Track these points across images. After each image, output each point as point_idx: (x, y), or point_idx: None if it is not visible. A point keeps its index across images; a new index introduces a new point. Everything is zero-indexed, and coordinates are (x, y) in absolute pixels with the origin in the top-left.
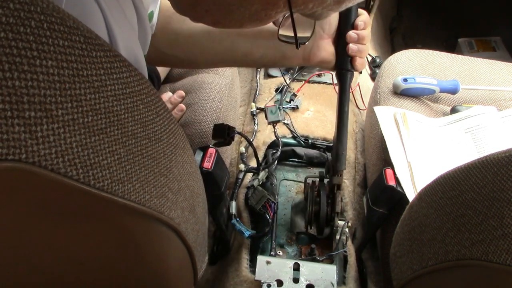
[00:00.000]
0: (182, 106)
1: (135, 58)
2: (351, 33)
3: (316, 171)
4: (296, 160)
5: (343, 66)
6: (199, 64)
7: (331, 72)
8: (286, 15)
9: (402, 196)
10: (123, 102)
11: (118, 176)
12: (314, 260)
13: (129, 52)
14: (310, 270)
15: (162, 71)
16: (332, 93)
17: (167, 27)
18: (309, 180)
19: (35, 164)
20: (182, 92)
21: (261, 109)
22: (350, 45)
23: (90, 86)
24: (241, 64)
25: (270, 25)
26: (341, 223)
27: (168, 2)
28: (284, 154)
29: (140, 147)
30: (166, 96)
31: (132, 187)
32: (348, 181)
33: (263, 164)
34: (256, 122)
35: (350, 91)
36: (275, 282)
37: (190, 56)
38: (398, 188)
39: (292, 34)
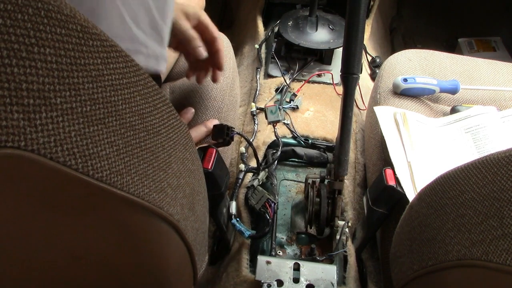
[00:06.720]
0: (191, 108)
1: None
2: None
3: (316, 171)
4: (296, 160)
5: (349, 70)
6: None
7: (331, 72)
8: None
9: (402, 196)
10: (120, 92)
11: (117, 167)
12: (314, 260)
13: None
14: (310, 270)
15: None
16: (332, 93)
17: None
18: (310, 180)
19: (34, 152)
20: (191, 109)
21: (261, 109)
22: None
23: (88, 75)
24: None
25: None
26: (341, 223)
27: None
28: (284, 154)
29: (139, 139)
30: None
31: (131, 180)
32: (348, 181)
33: (263, 164)
34: (256, 122)
35: None
36: (275, 282)
37: None
38: (398, 188)
39: None
